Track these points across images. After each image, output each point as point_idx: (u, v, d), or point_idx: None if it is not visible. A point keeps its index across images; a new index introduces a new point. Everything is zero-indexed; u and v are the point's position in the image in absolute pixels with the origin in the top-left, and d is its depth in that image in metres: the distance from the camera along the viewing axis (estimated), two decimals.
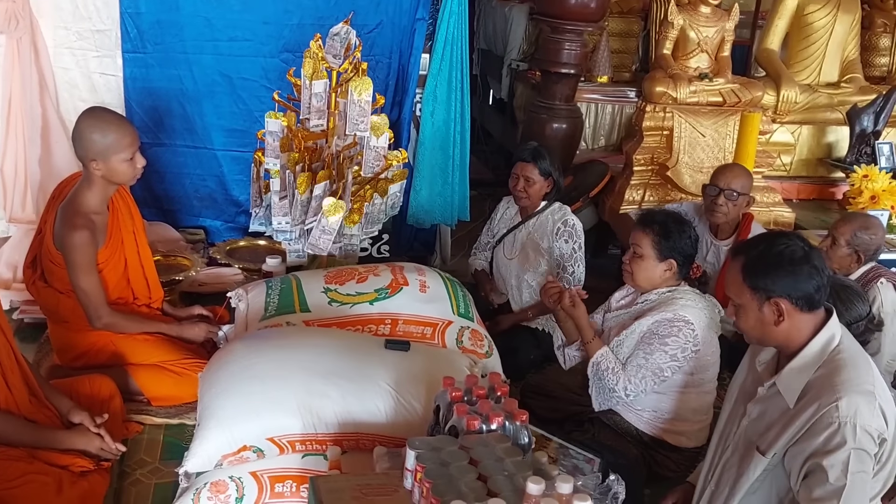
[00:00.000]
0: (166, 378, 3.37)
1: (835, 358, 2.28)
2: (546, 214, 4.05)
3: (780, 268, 2.28)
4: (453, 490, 2.02)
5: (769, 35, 6.22)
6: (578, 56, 5.23)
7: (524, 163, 3.99)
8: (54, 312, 3.44)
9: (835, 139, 6.17)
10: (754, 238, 2.47)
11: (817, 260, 2.30)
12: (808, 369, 2.29)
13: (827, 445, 2.17)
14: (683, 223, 3.27)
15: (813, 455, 2.19)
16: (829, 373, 2.26)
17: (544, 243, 4.01)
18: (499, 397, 2.49)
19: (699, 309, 3.15)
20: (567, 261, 3.96)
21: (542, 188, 4.01)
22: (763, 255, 2.31)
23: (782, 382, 2.33)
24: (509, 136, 6.87)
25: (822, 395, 2.21)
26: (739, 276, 2.35)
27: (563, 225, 3.98)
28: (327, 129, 3.67)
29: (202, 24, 4.44)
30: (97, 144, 3.19)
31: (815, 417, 2.20)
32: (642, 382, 3.12)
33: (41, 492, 2.58)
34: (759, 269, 2.31)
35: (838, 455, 2.15)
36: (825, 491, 2.16)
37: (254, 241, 4.59)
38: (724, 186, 4.04)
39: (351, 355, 2.84)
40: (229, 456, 2.62)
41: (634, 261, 3.22)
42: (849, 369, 2.24)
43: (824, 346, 2.30)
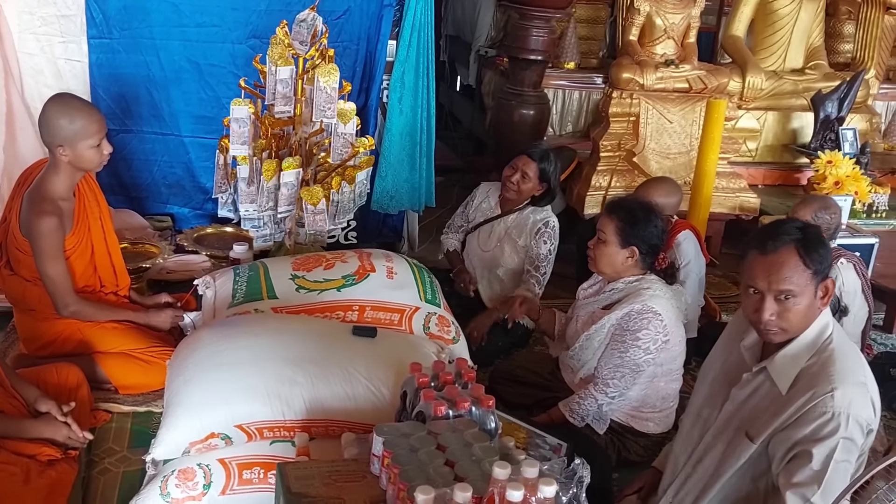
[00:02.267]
0: (134, 366, 3.36)
1: (827, 347, 2.28)
2: (527, 213, 4.06)
3: (825, 246, 2.28)
4: (421, 475, 2.03)
5: (735, 22, 6.28)
6: (546, 42, 5.26)
7: (529, 158, 3.98)
8: (20, 301, 3.41)
9: (799, 125, 6.25)
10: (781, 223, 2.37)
11: None
12: (802, 357, 2.29)
13: (817, 434, 2.18)
14: (651, 212, 3.28)
15: (800, 442, 2.21)
16: (822, 362, 2.26)
17: (521, 241, 4.03)
18: (465, 383, 2.51)
19: (667, 299, 3.18)
20: (541, 261, 3.99)
21: (533, 189, 4.01)
22: (815, 238, 2.26)
23: (775, 369, 2.32)
24: (478, 123, 6.88)
25: (817, 384, 2.22)
26: (800, 264, 2.23)
27: (544, 226, 4.00)
28: (294, 116, 3.66)
29: (169, 10, 4.41)
30: (64, 130, 3.17)
31: (809, 406, 2.21)
32: (622, 381, 3.14)
33: (8, 482, 2.57)
34: (818, 251, 2.25)
35: (827, 443, 2.17)
36: (806, 476, 2.19)
37: (221, 227, 4.58)
38: None
39: (319, 342, 2.86)
40: (197, 443, 2.63)
41: (598, 246, 3.24)
42: (843, 360, 2.26)
43: (818, 335, 2.30)
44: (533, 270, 3.97)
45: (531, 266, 3.98)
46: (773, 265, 2.25)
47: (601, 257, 3.25)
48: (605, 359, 3.18)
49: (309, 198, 3.52)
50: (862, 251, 4.55)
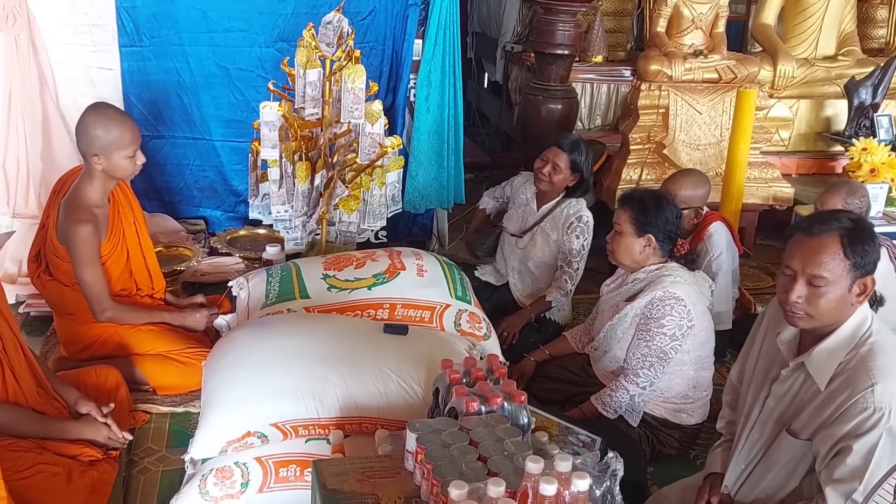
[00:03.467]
0: (171, 367, 3.42)
1: (866, 342, 2.25)
2: (562, 207, 4.04)
3: (873, 243, 2.22)
4: (454, 471, 2.05)
5: (765, 10, 6.21)
6: (572, 36, 5.24)
7: (558, 149, 3.95)
8: (59, 305, 3.48)
9: (833, 113, 6.18)
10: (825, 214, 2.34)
11: None
12: (840, 351, 2.26)
13: (859, 429, 2.16)
14: (662, 200, 3.31)
15: (843, 438, 2.19)
16: (861, 357, 2.23)
17: (554, 235, 4.02)
18: (497, 379, 2.53)
19: (689, 284, 3.18)
20: (573, 257, 3.96)
21: (566, 179, 3.97)
22: (862, 232, 2.22)
23: (812, 364, 2.30)
24: (505, 119, 6.89)
25: (857, 379, 2.20)
26: (840, 253, 2.20)
27: (577, 220, 3.97)
28: (322, 118, 3.70)
29: (197, 16, 4.47)
30: (100, 140, 3.23)
31: (849, 402, 2.18)
32: (651, 370, 3.14)
33: (52, 482, 2.62)
34: (863, 246, 2.20)
35: (868, 438, 2.15)
36: (847, 472, 2.17)
37: (253, 229, 4.64)
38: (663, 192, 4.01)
39: (351, 340, 2.89)
40: (234, 442, 2.67)
41: (615, 238, 3.29)
42: (882, 354, 2.22)
43: (856, 329, 2.27)
44: (565, 266, 3.96)
45: (563, 262, 3.97)
46: (813, 248, 2.22)
47: (619, 248, 3.28)
48: (633, 349, 3.18)
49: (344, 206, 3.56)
50: None
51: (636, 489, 2.78)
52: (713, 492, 2.60)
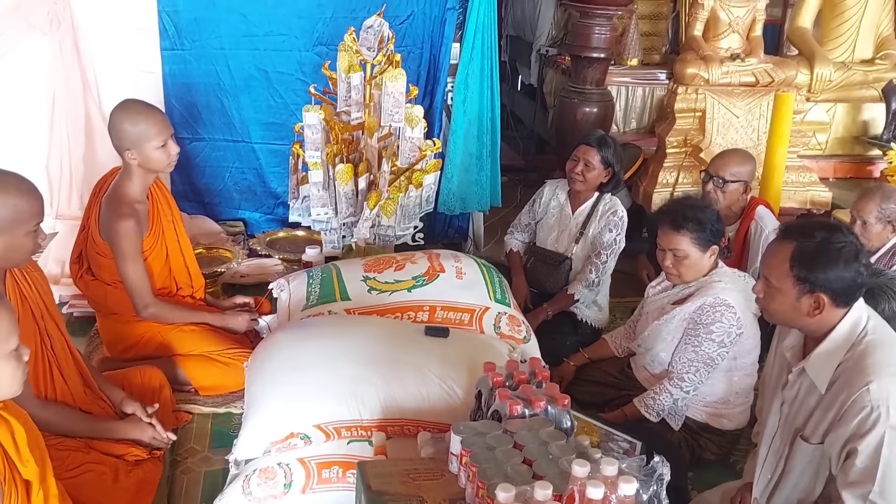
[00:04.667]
0: (213, 368, 3.46)
1: (862, 341, 2.27)
2: (597, 208, 4.05)
3: (835, 266, 2.24)
4: (499, 473, 2.06)
5: (801, 13, 6.17)
6: (608, 40, 5.24)
7: (588, 146, 3.96)
8: (103, 305, 3.53)
9: (870, 116, 6.13)
10: (810, 225, 2.37)
11: (865, 259, 2.29)
12: (837, 353, 2.28)
13: (861, 429, 2.17)
14: (706, 207, 3.31)
15: (849, 440, 2.20)
16: (858, 356, 2.25)
17: (590, 231, 4.02)
18: (539, 382, 2.54)
19: (738, 291, 3.17)
20: (604, 249, 3.96)
21: (599, 175, 3.98)
22: (819, 250, 2.26)
23: (811, 368, 2.33)
24: (540, 122, 6.89)
25: (853, 379, 2.21)
26: (787, 263, 2.29)
27: (612, 214, 3.98)
28: (363, 121, 3.73)
29: (238, 20, 4.53)
30: (129, 134, 3.28)
31: (848, 402, 2.20)
32: (696, 375, 3.14)
33: (99, 481, 2.67)
34: (814, 261, 2.26)
35: (871, 437, 2.16)
36: (859, 473, 2.18)
37: (292, 231, 4.67)
38: (714, 172, 4.05)
39: (393, 342, 2.90)
40: (277, 443, 2.69)
41: (680, 263, 3.21)
42: (879, 351, 2.24)
43: (851, 330, 2.29)
44: (594, 257, 3.95)
45: (593, 253, 3.97)
46: None
47: (687, 271, 3.23)
48: (679, 353, 3.18)
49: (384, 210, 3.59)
50: None
51: (677, 494, 2.77)
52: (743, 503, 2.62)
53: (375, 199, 3.52)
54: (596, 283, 4.01)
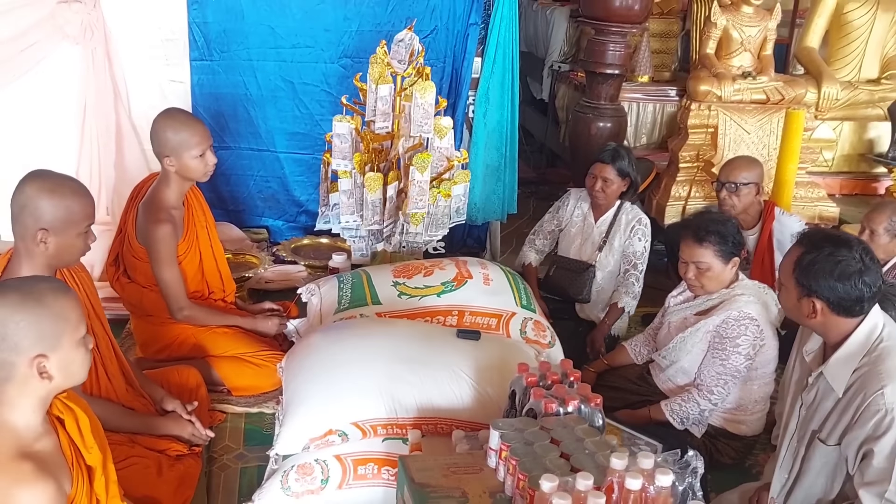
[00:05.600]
0: (246, 369, 3.56)
1: (878, 347, 2.39)
2: (621, 214, 4.15)
3: (830, 277, 2.37)
4: (538, 466, 2.16)
5: (809, 33, 6.30)
6: (623, 57, 5.36)
7: (602, 164, 4.06)
8: (138, 307, 3.62)
9: (876, 135, 6.26)
10: (823, 236, 2.50)
11: (869, 275, 2.38)
12: (853, 359, 2.41)
13: (876, 431, 2.29)
14: (726, 219, 3.41)
15: (865, 441, 2.32)
16: (873, 361, 2.37)
17: (616, 242, 4.12)
18: (572, 382, 2.64)
19: (761, 304, 3.27)
20: (638, 258, 4.07)
21: (619, 188, 4.10)
22: (819, 259, 2.40)
23: (829, 372, 2.45)
24: (551, 136, 7.01)
25: (868, 384, 2.34)
26: (792, 266, 2.47)
27: (637, 223, 4.09)
28: (392, 132, 3.84)
29: (266, 32, 4.65)
30: (170, 141, 3.39)
31: (864, 406, 2.32)
32: (725, 388, 3.24)
33: (144, 473, 2.77)
34: (811, 269, 2.41)
35: (887, 438, 2.27)
36: (875, 473, 2.30)
37: (316, 239, 4.79)
38: (724, 180, 4.17)
39: (426, 344, 3.01)
40: (316, 439, 2.78)
41: (703, 275, 3.30)
42: (892, 357, 2.36)
43: (867, 337, 2.41)
44: (631, 269, 4.06)
45: (628, 265, 4.07)
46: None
47: (709, 282, 3.32)
48: (707, 367, 3.26)
49: (413, 220, 3.69)
50: None
51: None
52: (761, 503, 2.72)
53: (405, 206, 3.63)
54: (639, 293, 4.12)
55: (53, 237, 2.61)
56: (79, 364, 2.03)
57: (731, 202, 4.16)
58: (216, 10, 4.57)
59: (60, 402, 2.11)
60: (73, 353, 2.00)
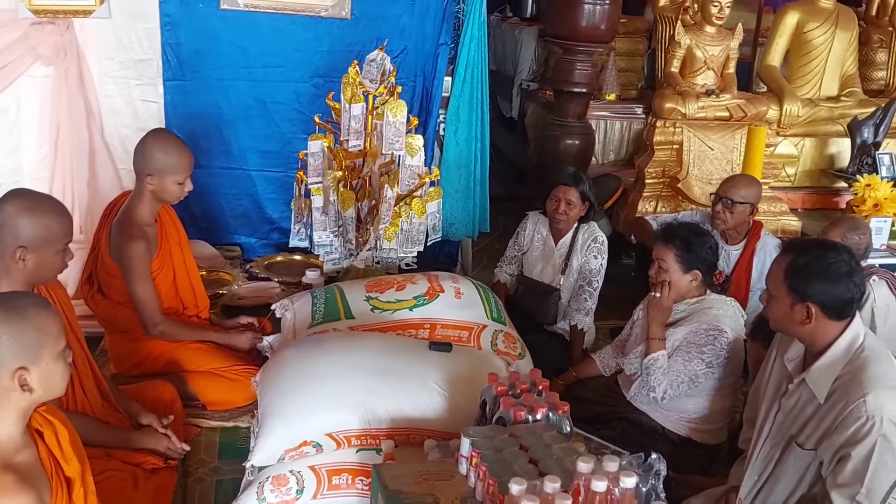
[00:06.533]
0: (220, 384, 3.59)
1: (860, 356, 2.48)
2: (577, 237, 4.21)
3: (823, 279, 2.47)
4: (507, 472, 2.22)
5: (770, 52, 6.47)
6: (590, 75, 5.49)
7: (566, 186, 4.12)
8: (112, 323, 3.66)
9: (836, 150, 6.41)
10: (809, 242, 2.65)
11: (858, 277, 2.49)
12: (836, 367, 2.49)
13: (856, 437, 2.37)
14: (703, 234, 3.49)
15: (842, 446, 2.40)
16: (855, 370, 2.46)
17: (575, 262, 4.19)
18: (540, 391, 2.72)
19: (730, 317, 3.36)
20: (594, 276, 4.14)
21: (580, 211, 4.16)
22: (811, 263, 2.49)
23: (811, 379, 2.53)
24: (520, 153, 7.11)
25: (850, 391, 2.42)
26: (782, 274, 2.54)
27: (593, 241, 4.17)
28: (365, 150, 3.91)
29: (238, 53, 4.70)
30: (158, 162, 3.44)
31: (845, 412, 2.40)
32: (679, 388, 3.32)
33: (120, 486, 2.80)
34: (803, 273, 2.49)
35: (865, 443, 2.35)
36: (848, 476, 2.38)
37: (290, 256, 4.84)
38: (723, 194, 4.26)
39: (399, 356, 3.07)
40: (291, 451, 2.83)
41: (660, 274, 3.41)
42: (874, 366, 2.45)
43: (850, 345, 2.50)
44: (586, 285, 4.13)
45: (584, 281, 4.14)
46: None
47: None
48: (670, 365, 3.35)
49: (385, 235, 3.76)
50: None
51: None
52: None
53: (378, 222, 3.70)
54: (593, 309, 4.20)
55: (32, 255, 2.65)
56: (59, 377, 2.08)
57: (724, 217, 4.26)
58: (188, 31, 4.61)
59: (40, 415, 2.15)
60: (54, 365, 2.05)
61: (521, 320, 4.12)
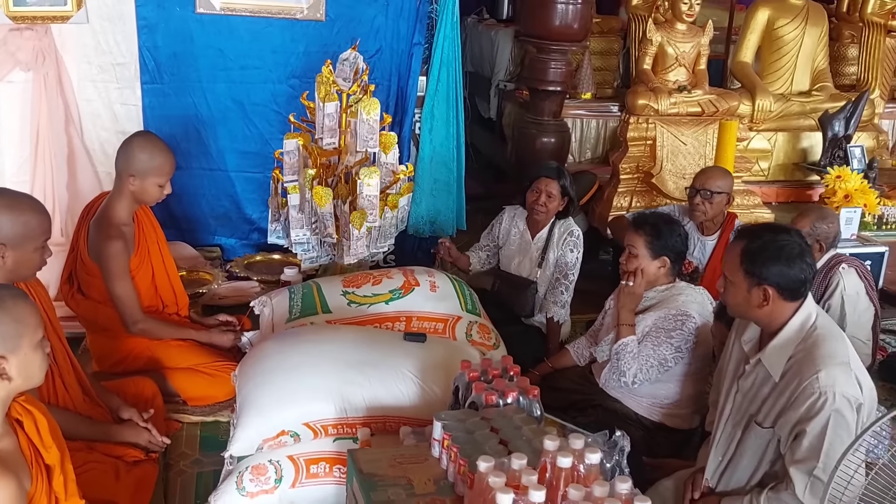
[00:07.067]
0: (200, 380, 3.64)
1: (812, 334, 2.58)
2: (553, 231, 4.28)
3: (778, 261, 2.56)
4: (478, 453, 2.28)
5: (742, 49, 6.56)
6: (564, 74, 5.57)
7: (548, 179, 4.20)
8: (93, 322, 3.70)
9: (809, 144, 6.50)
10: (760, 227, 2.72)
11: (809, 257, 2.60)
12: (789, 346, 2.59)
13: (809, 412, 2.46)
14: (673, 223, 3.57)
15: (798, 422, 2.49)
16: (808, 348, 2.55)
17: (552, 255, 4.26)
18: (511, 376, 2.78)
19: (698, 303, 3.45)
20: (569, 269, 4.22)
21: (559, 205, 4.23)
22: (764, 247, 2.58)
23: (767, 359, 2.63)
24: (498, 153, 7.19)
25: (804, 368, 2.51)
26: (738, 259, 2.63)
27: (569, 235, 4.24)
28: (339, 147, 3.98)
29: (215, 55, 4.77)
30: (141, 163, 3.49)
31: (799, 389, 2.49)
32: (649, 372, 3.40)
33: (102, 477, 2.85)
34: (758, 257, 2.58)
35: (819, 418, 2.44)
36: (805, 451, 2.47)
37: (269, 255, 4.90)
38: (700, 187, 4.35)
39: (374, 347, 3.14)
40: (269, 440, 2.89)
41: (630, 261, 3.49)
42: (826, 344, 2.55)
43: (802, 325, 2.60)
44: (562, 278, 4.21)
45: (560, 274, 4.22)
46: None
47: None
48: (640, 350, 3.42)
49: (354, 222, 3.81)
50: (872, 260, 4.84)
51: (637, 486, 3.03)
52: (696, 486, 2.89)
53: (360, 219, 3.76)
54: (569, 302, 4.27)
55: (11, 252, 2.70)
56: (37, 366, 2.13)
57: (704, 208, 4.35)
58: (166, 34, 4.67)
59: (19, 405, 2.20)
60: (32, 355, 2.10)
61: (498, 313, 4.19)
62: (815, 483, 2.43)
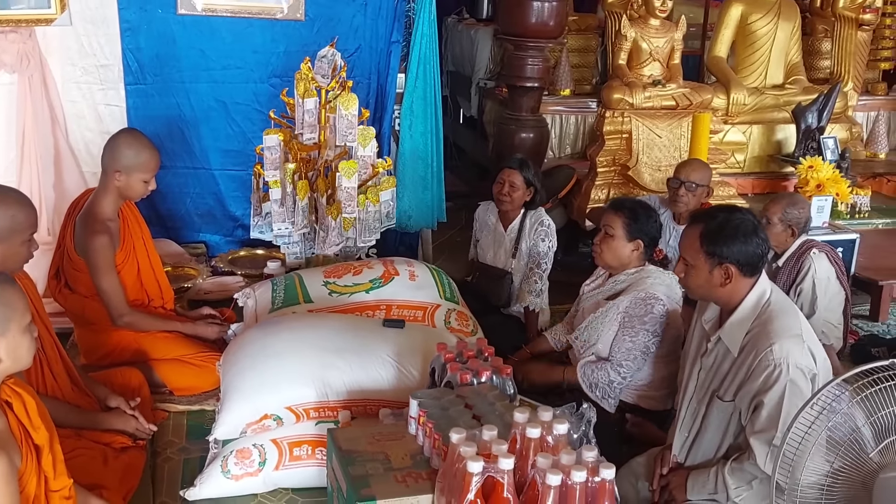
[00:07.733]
0: (186, 370, 3.72)
1: (767, 310, 2.70)
2: (524, 222, 4.38)
3: (736, 238, 2.68)
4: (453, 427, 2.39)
5: (717, 44, 6.71)
6: (541, 70, 5.66)
7: (511, 169, 4.31)
8: (80, 316, 3.78)
9: (783, 136, 6.65)
10: (713, 209, 2.84)
11: (762, 233, 2.73)
12: (746, 322, 2.71)
13: (766, 384, 2.58)
14: (650, 209, 3.68)
15: (757, 394, 2.61)
16: (763, 322, 2.68)
17: (524, 245, 4.36)
18: (486, 357, 2.89)
19: (666, 286, 3.54)
20: (542, 258, 4.31)
21: (523, 195, 4.33)
22: (721, 226, 2.70)
23: (726, 335, 2.75)
24: (480, 151, 7.29)
25: (759, 342, 2.63)
26: (697, 242, 2.73)
27: (540, 225, 4.34)
28: (319, 142, 4.07)
29: (197, 56, 4.85)
30: (127, 159, 3.57)
31: (756, 362, 2.62)
32: (634, 363, 3.48)
33: (91, 463, 2.93)
34: (718, 237, 2.69)
35: (775, 389, 2.56)
36: (764, 422, 2.58)
37: (253, 250, 4.97)
38: (685, 179, 4.45)
39: (355, 333, 3.23)
40: (252, 424, 2.99)
41: (605, 241, 3.59)
42: (780, 318, 2.67)
43: (758, 300, 2.73)
44: (535, 267, 4.30)
45: (533, 264, 4.31)
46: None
47: (608, 251, 3.59)
48: (618, 343, 3.49)
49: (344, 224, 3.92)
50: (844, 246, 4.96)
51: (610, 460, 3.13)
52: (664, 462, 2.99)
53: (336, 211, 3.85)
54: (542, 290, 4.36)
55: None
56: (25, 349, 2.22)
57: (686, 199, 4.45)
58: (148, 36, 4.76)
59: (8, 387, 2.28)
60: (21, 338, 2.19)
61: (478, 304, 4.30)
62: (774, 451, 2.54)
